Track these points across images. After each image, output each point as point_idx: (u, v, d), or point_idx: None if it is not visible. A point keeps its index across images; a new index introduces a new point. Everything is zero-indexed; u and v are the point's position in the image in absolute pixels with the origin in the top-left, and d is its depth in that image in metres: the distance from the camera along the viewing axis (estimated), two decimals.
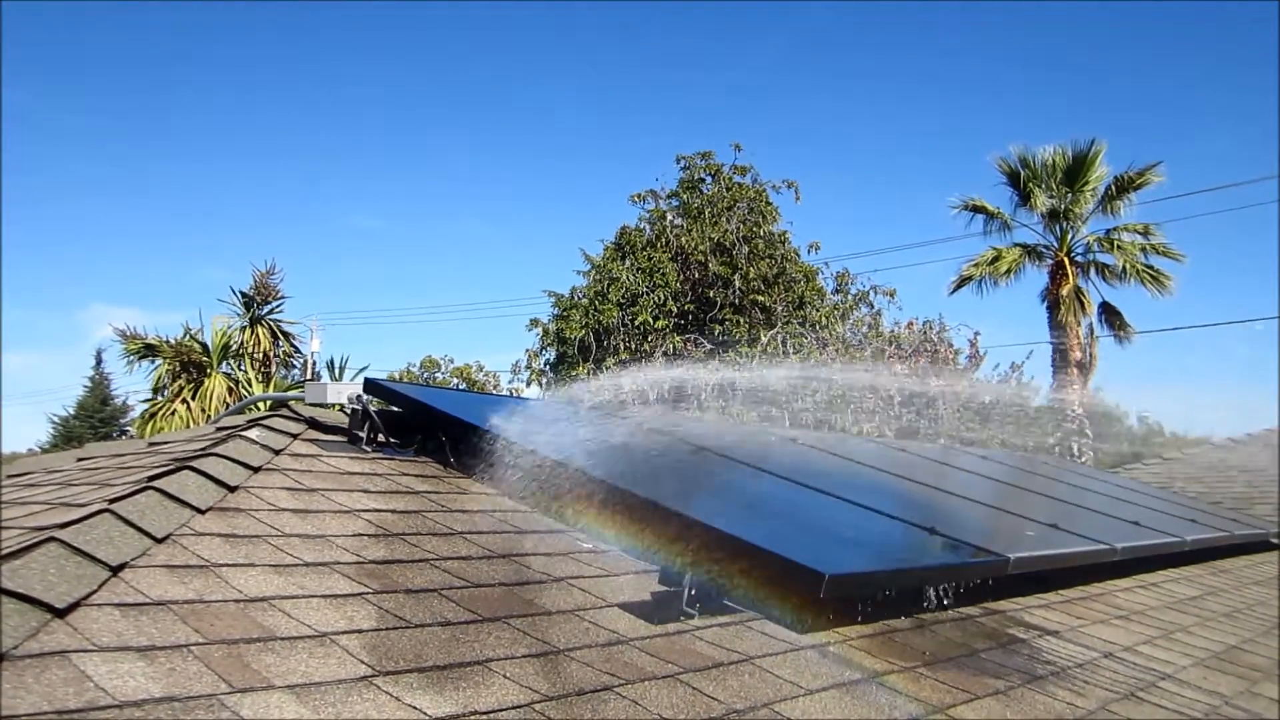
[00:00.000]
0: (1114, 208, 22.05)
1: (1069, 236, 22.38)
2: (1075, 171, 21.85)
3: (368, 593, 2.38)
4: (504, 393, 21.02)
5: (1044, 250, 22.62)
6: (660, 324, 19.01)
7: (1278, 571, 6.76)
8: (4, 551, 2.01)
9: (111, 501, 2.40)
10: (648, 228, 20.97)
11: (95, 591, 1.98)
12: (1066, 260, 22.00)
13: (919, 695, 2.59)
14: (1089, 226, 22.52)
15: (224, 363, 20.39)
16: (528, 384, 21.34)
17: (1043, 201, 21.97)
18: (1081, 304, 21.86)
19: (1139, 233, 21.90)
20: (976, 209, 22.95)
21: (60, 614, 1.84)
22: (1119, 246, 21.78)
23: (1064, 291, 21.63)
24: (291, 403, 4.07)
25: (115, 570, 2.10)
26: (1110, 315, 22.36)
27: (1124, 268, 21.65)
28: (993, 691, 2.76)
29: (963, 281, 22.93)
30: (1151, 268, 21.60)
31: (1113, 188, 21.89)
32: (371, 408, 3.80)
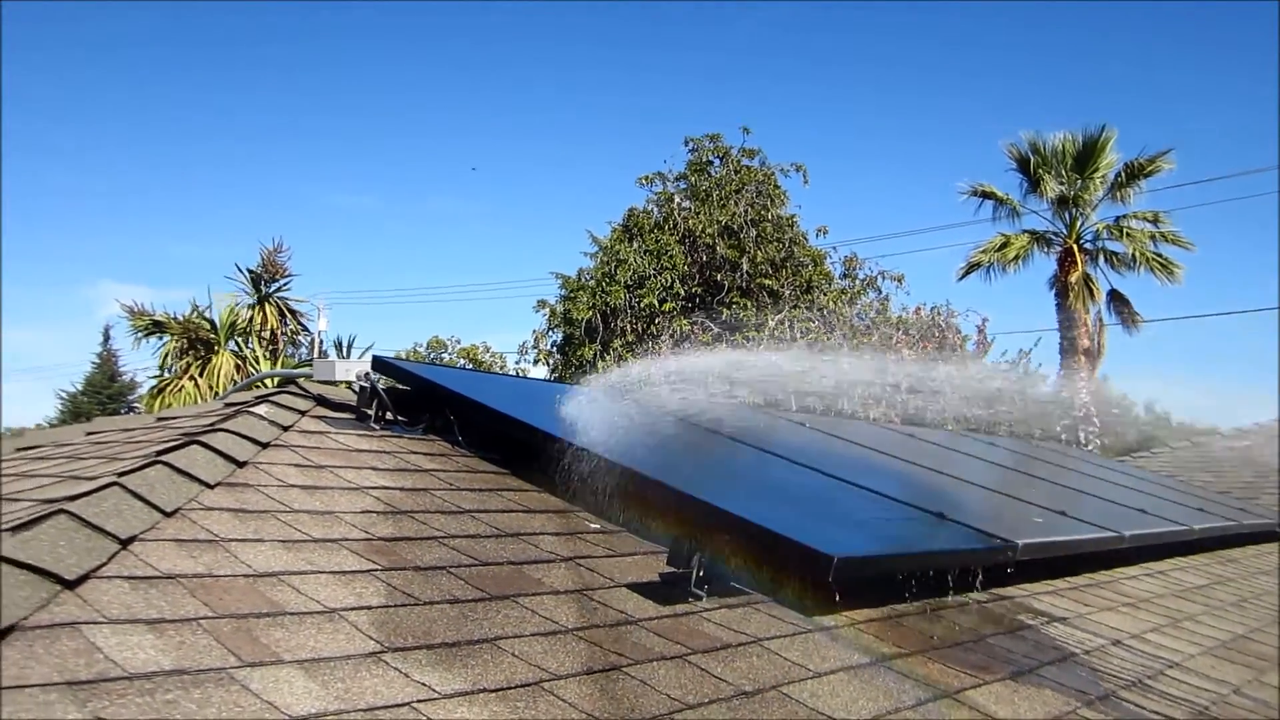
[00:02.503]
0: (1124, 195, 21.94)
1: (1078, 223, 22.29)
2: (1085, 158, 21.73)
3: (376, 569, 2.37)
4: (511, 373, 21.03)
5: (1053, 237, 22.53)
6: (667, 306, 18.98)
7: (1278, 561, 6.75)
8: (14, 523, 2.01)
9: (121, 475, 2.40)
10: (655, 210, 20.91)
11: (105, 564, 1.98)
12: (1075, 247, 21.91)
13: (927, 679, 2.58)
14: (1098, 214, 22.43)
15: (231, 340, 20.42)
16: (534, 365, 21.35)
17: (1052, 188, 21.86)
18: (1090, 291, 21.80)
19: (1148, 220, 21.79)
20: (986, 195, 22.85)
21: (70, 586, 1.84)
22: (1128, 234, 21.68)
23: (1072, 279, 21.55)
24: (300, 380, 4.07)
25: (124, 543, 2.10)
26: (1118, 303, 22.29)
27: (1133, 255, 21.56)
28: (1001, 677, 2.75)
29: (971, 268, 22.86)
30: (1161, 256, 21.51)
31: (1123, 175, 21.78)
32: (380, 386, 3.79)
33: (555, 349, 21.02)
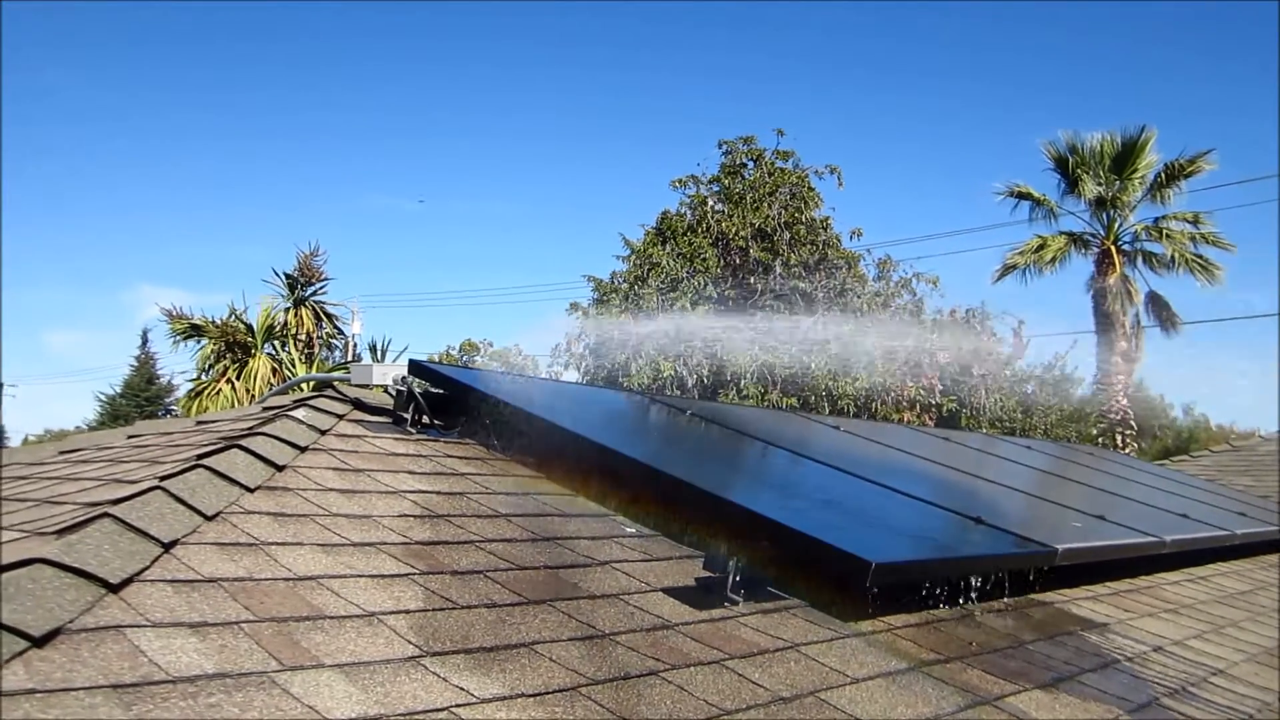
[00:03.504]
0: (1163, 196, 21.63)
1: (1116, 225, 22.02)
2: (1124, 159, 21.45)
3: (414, 573, 2.38)
4: (543, 376, 21.08)
5: (1090, 238, 22.26)
6: (700, 310, 18.95)
7: None
8: (59, 527, 2.04)
9: (162, 479, 2.42)
10: (689, 213, 20.89)
11: (148, 568, 2.00)
12: (1114, 249, 21.64)
13: (966, 685, 2.56)
14: (1136, 215, 22.15)
15: (268, 343, 20.60)
16: (566, 367, 21.38)
17: (1090, 189, 21.59)
18: (1128, 293, 21.51)
19: (1188, 221, 21.49)
20: (1022, 195, 22.61)
21: (114, 589, 1.86)
22: (1167, 235, 21.38)
23: (1110, 280, 21.28)
24: (336, 383, 4.10)
25: (167, 547, 2.12)
26: (1157, 305, 21.98)
27: (1172, 257, 21.25)
28: (1041, 683, 2.72)
29: (1007, 270, 22.63)
30: (1201, 257, 21.19)
31: (1162, 175, 21.48)
32: (416, 389, 3.81)
33: (588, 352, 21.04)
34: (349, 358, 24.96)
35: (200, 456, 2.70)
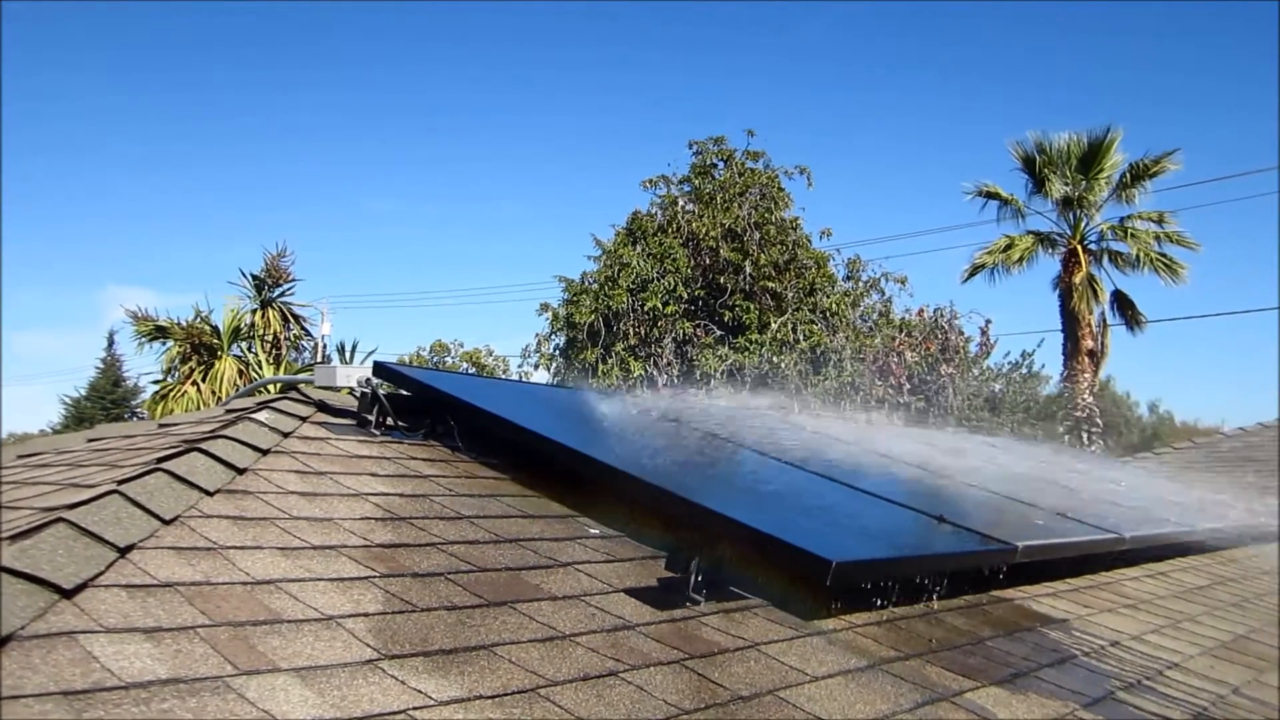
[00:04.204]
0: (1128, 195, 21.90)
1: (1082, 224, 22.26)
2: (1090, 158, 21.70)
3: (374, 576, 2.38)
4: (513, 377, 21.05)
5: (1057, 238, 22.49)
6: (670, 309, 18.97)
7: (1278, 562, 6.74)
8: (14, 532, 2.02)
9: (120, 483, 2.41)
10: (659, 213, 20.91)
11: (103, 573, 1.99)
12: (1080, 248, 21.87)
13: (926, 682, 2.58)
14: (1103, 214, 22.40)
15: (234, 345, 20.45)
16: (536, 368, 21.36)
17: (1057, 188, 21.83)
18: (1094, 292, 21.75)
19: (1153, 221, 21.75)
20: (990, 195, 22.83)
21: (68, 595, 1.84)
22: (1133, 234, 21.64)
23: (1076, 279, 21.51)
24: (301, 386, 4.08)
25: (123, 551, 2.11)
26: (1122, 304, 22.24)
27: (1137, 256, 21.51)
28: (1000, 679, 2.75)
29: (975, 269, 22.84)
30: (1165, 256, 21.46)
31: (1128, 175, 21.74)
32: (380, 391, 3.80)
33: (558, 352, 21.03)
34: (318, 359, 24.80)
35: (160, 460, 2.68)
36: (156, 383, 20.87)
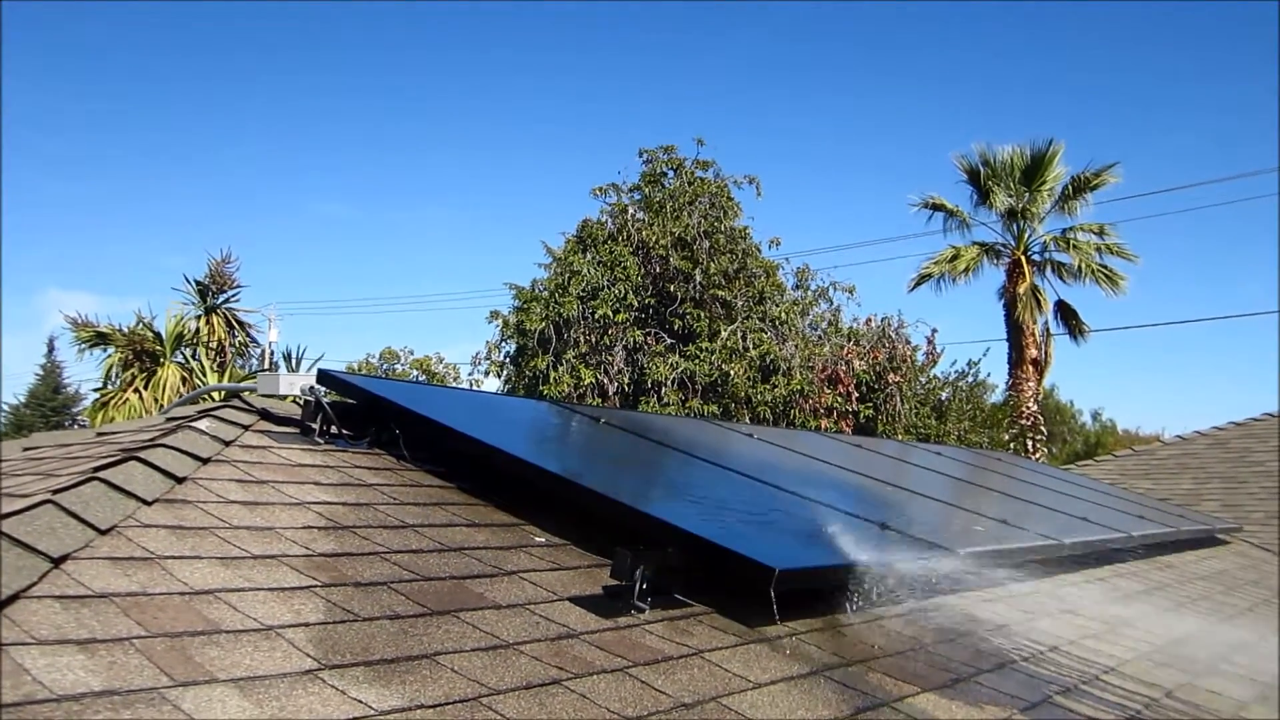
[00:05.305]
0: (1071, 208, 22.32)
1: (1026, 235, 22.63)
2: (1033, 171, 22.09)
3: (316, 585, 2.36)
4: (464, 384, 20.93)
5: (1002, 249, 22.85)
6: (620, 317, 18.98)
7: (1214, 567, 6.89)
8: None
9: (55, 492, 2.37)
10: (609, 221, 20.91)
11: (35, 584, 1.95)
12: (1024, 259, 22.23)
13: (867, 688, 2.61)
14: (1046, 225, 22.80)
15: (178, 352, 20.12)
16: (487, 375, 21.25)
17: (1001, 200, 22.19)
18: (1038, 302, 22.11)
19: (1094, 232, 22.17)
20: (936, 207, 23.14)
21: None
22: (1075, 246, 22.04)
23: (1021, 290, 21.85)
24: (244, 394, 4.03)
25: (57, 562, 2.07)
26: (1065, 314, 22.64)
27: (1079, 267, 21.91)
28: (940, 685, 2.79)
29: (922, 279, 23.13)
30: (1106, 267, 21.88)
31: (1070, 188, 22.15)
32: (325, 399, 3.77)
33: (508, 360, 20.94)
34: (264, 367, 24.50)
35: (96, 469, 2.63)
36: (97, 390, 20.47)
